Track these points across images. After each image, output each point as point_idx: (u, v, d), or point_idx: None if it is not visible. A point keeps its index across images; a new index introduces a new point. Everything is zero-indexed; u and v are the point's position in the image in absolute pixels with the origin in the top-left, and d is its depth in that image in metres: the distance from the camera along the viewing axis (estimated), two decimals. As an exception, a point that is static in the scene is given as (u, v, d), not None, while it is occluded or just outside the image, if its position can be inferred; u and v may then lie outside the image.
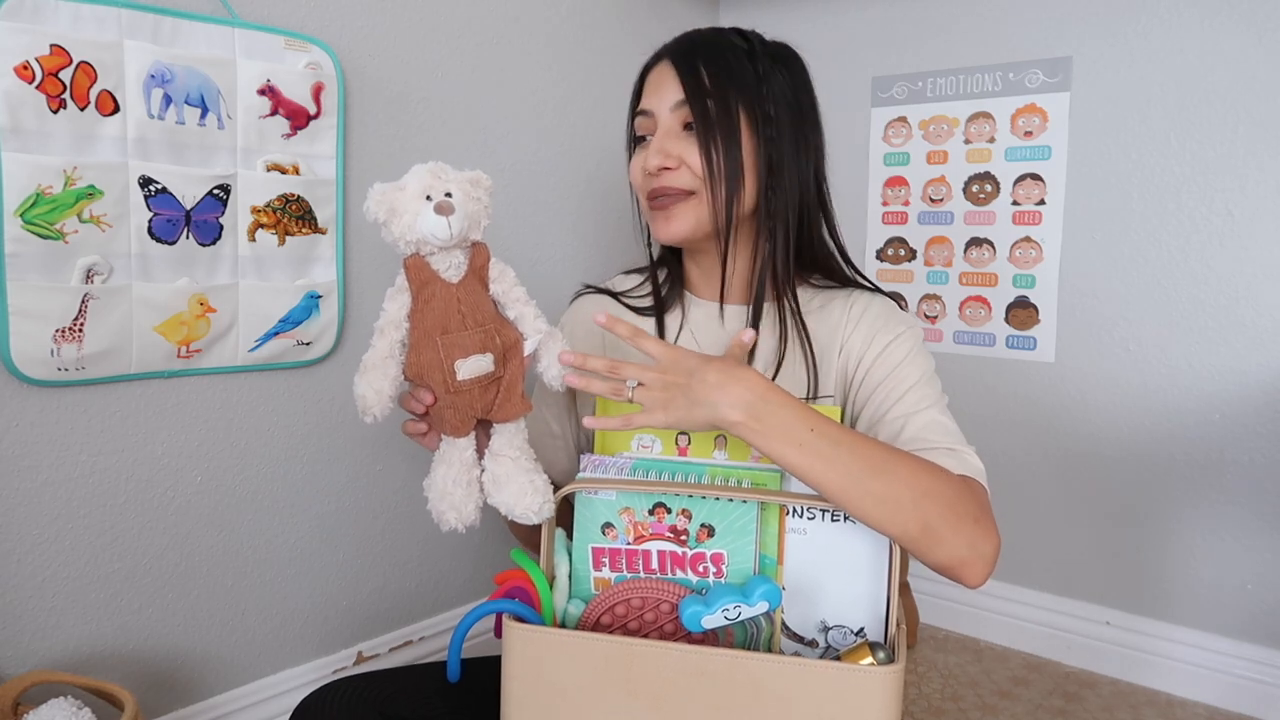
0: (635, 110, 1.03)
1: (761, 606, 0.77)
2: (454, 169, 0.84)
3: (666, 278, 1.10)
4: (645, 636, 0.82)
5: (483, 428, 0.88)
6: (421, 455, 1.63)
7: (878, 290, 1.05)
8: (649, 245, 1.11)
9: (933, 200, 1.99)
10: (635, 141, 1.04)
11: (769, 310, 1.02)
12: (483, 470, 0.87)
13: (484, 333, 0.83)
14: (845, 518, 0.83)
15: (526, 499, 0.84)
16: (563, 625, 0.85)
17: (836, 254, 1.06)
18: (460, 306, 0.82)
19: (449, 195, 0.81)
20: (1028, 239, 1.87)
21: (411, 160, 1.63)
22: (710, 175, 0.95)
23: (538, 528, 0.89)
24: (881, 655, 0.77)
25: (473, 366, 0.82)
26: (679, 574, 0.84)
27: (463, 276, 0.83)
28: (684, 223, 0.98)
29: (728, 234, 0.97)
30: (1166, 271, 1.72)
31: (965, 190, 1.94)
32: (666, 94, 0.97)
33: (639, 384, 0.83)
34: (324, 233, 1.38)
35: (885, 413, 0.94)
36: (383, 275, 1.51)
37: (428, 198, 0.80)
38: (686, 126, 0.97)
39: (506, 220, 1.71)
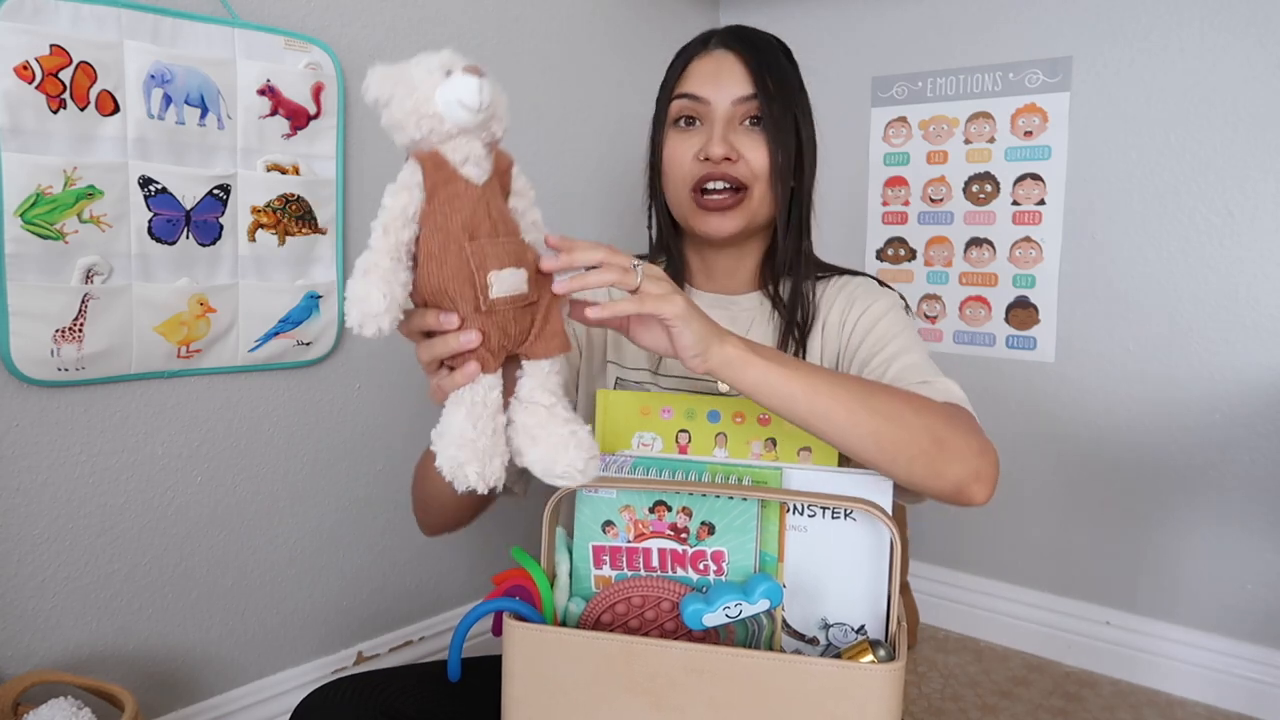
0: (679, 93, 1.02)
1: (763, 604, 0.77)
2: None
3: (666, 266, 1.11)
4: (646, 635, 0.82)
5: (508, 369, 0.71)
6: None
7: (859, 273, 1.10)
8: (649, 228, 1.12)
9: (933, 200, 1.99)
10: (672, 123, 1.03)
11: (764, 300, 1.06)
12: (509, 423, 0.71)
13: (516, 244, 0.69)
14: (846, 514, 0.83)
15: (569, 454, 0.68)
16: (563, 623, 0.85)
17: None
18: (489, 210, 0.67)
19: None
20: (1028, 239, 1.87)
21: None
22: (773, 174, 0.99)
23: (466, 499, 0.81)
24: (882, 653, 0.77)
25: (508, 282, 0.67)
26: (680, 572, 0.84)
27: (487, 179, 0.68)
28: (738, 220, 1.00)
29: (786, 229, 1.03)
30: (1166, 271, 1.72)
31: (965, 190, 1.94)
32: (728, 85, 0.99)
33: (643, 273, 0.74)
34: (324, 233, 1.38)
35: (868, 363, 0.98)
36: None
37: (447, 72, 0.64)
38: (747, 121, 1.00)
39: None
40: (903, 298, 1.07)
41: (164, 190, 1.19)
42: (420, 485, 1.00)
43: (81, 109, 1.10)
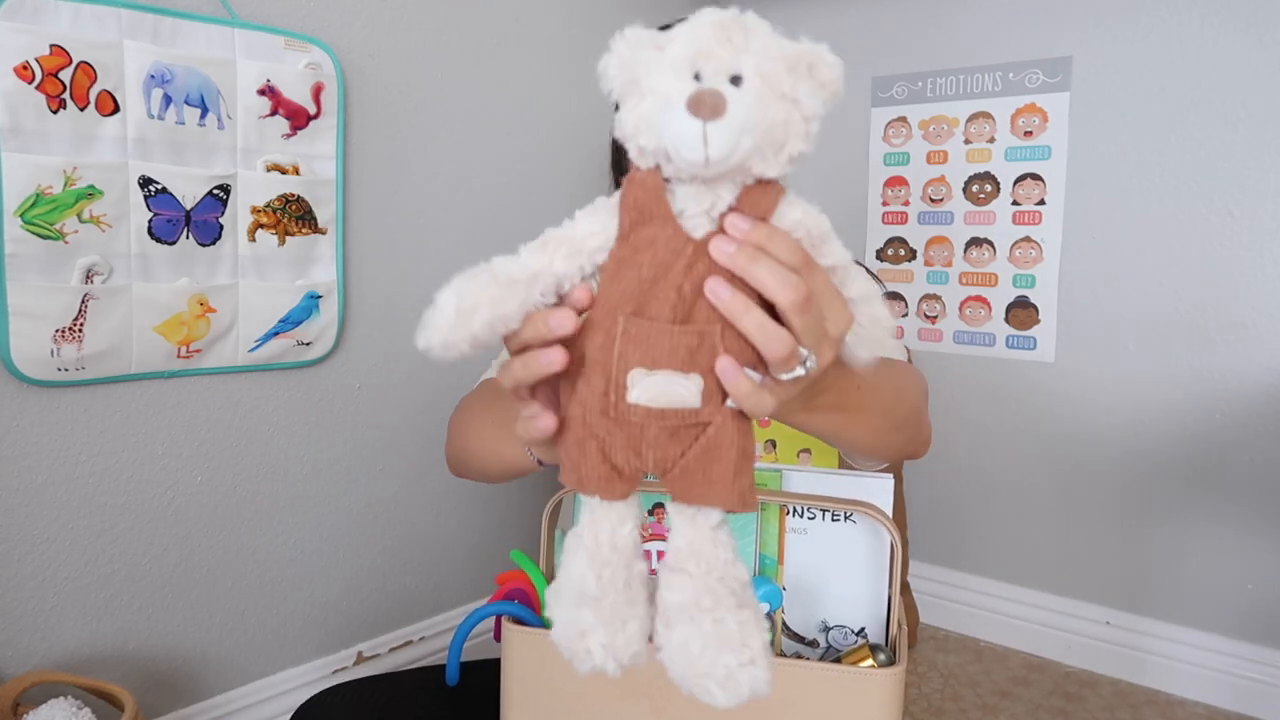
0: None
1: (763, 608, 0.77)
2: (768, 30, 0.46)
3: None
4: (646, 637, 0.82)
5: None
6: (426, 454, 1.64)
7: None
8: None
9: (933, 200, 1.99)
10: None
11: None
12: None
13: (701, 338, 0.46)
14: (847, 517, 0.83)
15: (706, 657, 0.46)
16: (563, 626, 0.85)
17: None
18: (685, 281, 0.46)
19: (736, 81, 0.44)
20: (1028, 239, 1.87)
21: (412, 160, 1.64)
22: None
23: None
24: (883, 657, 0.77)
25: (657, 389, 0.46)
26: (679, 575, 0.84)
27: (716, 229, 0.47)
28: None
29: None
30: (1166, 271, 1.72)
31: (965, 190, 1.94)
32: None
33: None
34: (324, 233, 1.38)
35: None
36: (383, 275, 1.51)
37: (696, 76, 0.44)
38: None
39: (506, 221, 1.71)
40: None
41: (164, 190, 1.19)
42: (460, 434, 0.90)
43: (81, 109, 1.10)
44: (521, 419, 0.50)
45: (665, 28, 0.49)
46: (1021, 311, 1.90)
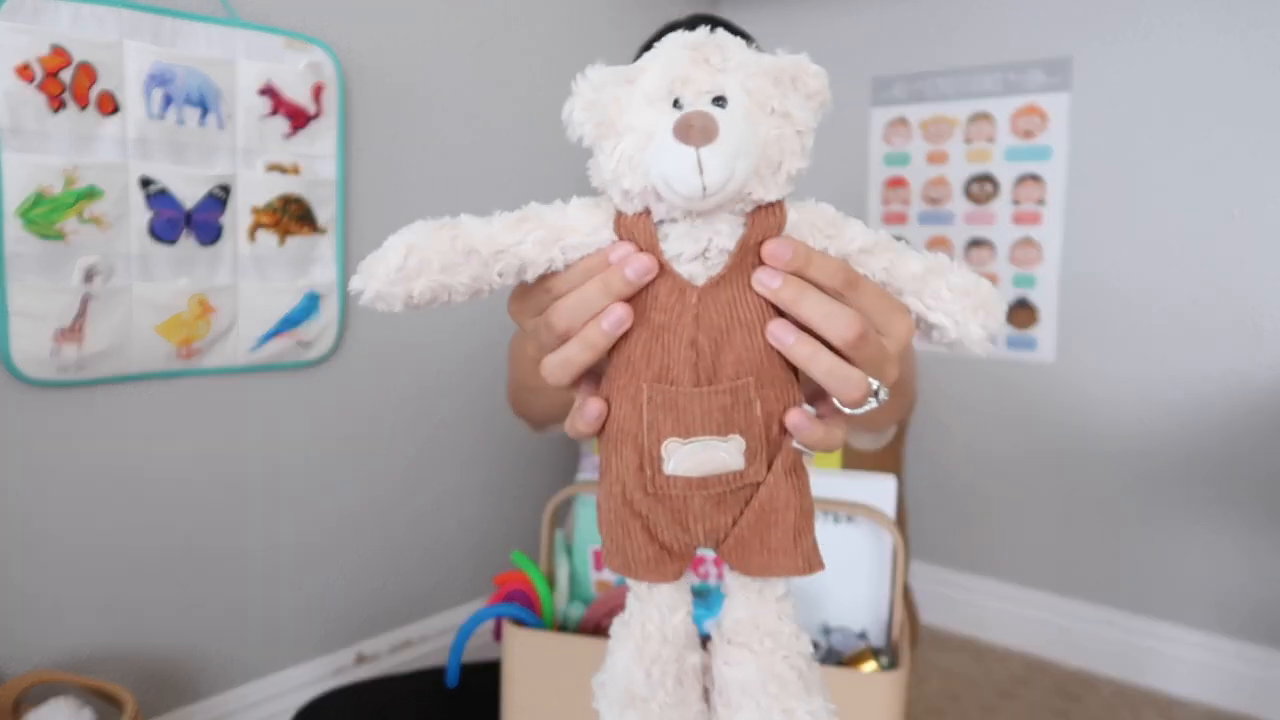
0: None
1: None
2: (743, 46, 0.42)
3: None
4: (646, 639, 0.82)
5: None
6: (425, 455, 1.64)
7: None
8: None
9: (933, 201, 1.99)
10: None
11: None
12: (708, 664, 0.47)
13: (734, 394, 0.42)
14: (848, 519, 0.83)
15: None
16: (563, 628, 0.85)
17: None
18: (700, 336, 0.42)
19: (720, 102, 0.41)
20: (1028, 239, 1.87)
21: (412, 160, 1.64)
22: None
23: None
24: (885, 660, 0.77)
25: (696, 458, 0.42)
26: (680, 576, 0.84)
27: (721, 273, 0.42)
28: None
29: None
30: (1166, 271, 1.72)
31: (965, 190, 1.94)
32: None
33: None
34: (324, 233, 1.37)
35: None
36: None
37: (675, 103, 0.41)
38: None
39: (507, 220, 1.71)
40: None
41: (164, 190, 1.19)
42: (519, 365, 0.84)
43: (82, 109, 1.10)
44: (572, 413, 0.45)
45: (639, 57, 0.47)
46: (1021, 312, 1.90)
